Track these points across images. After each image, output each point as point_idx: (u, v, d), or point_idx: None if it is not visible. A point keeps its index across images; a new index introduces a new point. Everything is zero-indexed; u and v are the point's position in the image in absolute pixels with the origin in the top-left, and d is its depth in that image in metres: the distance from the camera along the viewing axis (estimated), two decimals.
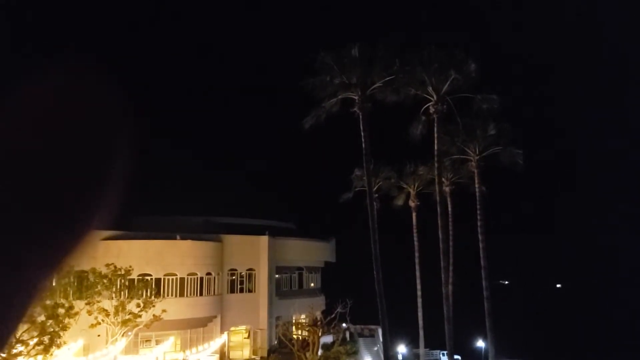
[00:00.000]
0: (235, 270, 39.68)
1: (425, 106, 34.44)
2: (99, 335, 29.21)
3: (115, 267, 29.36)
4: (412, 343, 51.41)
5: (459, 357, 45.85)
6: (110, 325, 29.09)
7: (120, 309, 29.03)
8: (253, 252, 39.88)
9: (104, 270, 29.10)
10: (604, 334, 76.63)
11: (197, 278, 36.48)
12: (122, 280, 30.09)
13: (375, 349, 45.18)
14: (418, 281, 46.54)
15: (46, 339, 23.06)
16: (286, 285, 45.19)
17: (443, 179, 38.66)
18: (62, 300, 25.71)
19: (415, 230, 46.55)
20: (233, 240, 39.10)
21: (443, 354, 48.37)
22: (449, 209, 41.15)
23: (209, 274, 37.23)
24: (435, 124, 33.75)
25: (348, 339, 40.98)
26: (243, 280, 40.17)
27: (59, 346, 24.18)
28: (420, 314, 46.02)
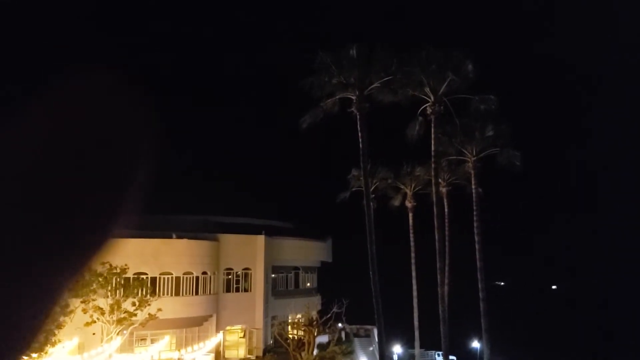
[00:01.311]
0: (232, 269, 39.62)
1: (423, 107, 34.47)
2: (94, 334, 29.12)
3: (110, 265, 29.23)
4: (408, 343, 51.49)
5: (454, 358, 45.91)
6: (105, 323, 29.00)
7: (116, 307, 28.93)
8: (249, 251, 39.82)
9: (99, 269, 28.96)
10: (603, 334, 76.84)
11: (193, 277, 36.41)
12: (118, 279, 29.96)
13: (371, 349, 45.18)
14: (414, 281, 46.60)
15: (41, 337, 22.94)
16: (282, 284, 45.17)
17: (440, 180, 38.68)
18: None
19: (411, 231, 46.60)
20: (229, 240, 39.04)
21: (438, 355, 48.42)
22: (446, 209, 41.18)
23: (204, 273, 37.17)
24: (433, 125, 33.77)
25: (344, 338, 41.00)
26: (239, 280, 40.12)
27: (53, 344, 24.09)
28: (416, 315, 46.06)
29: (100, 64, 0.53)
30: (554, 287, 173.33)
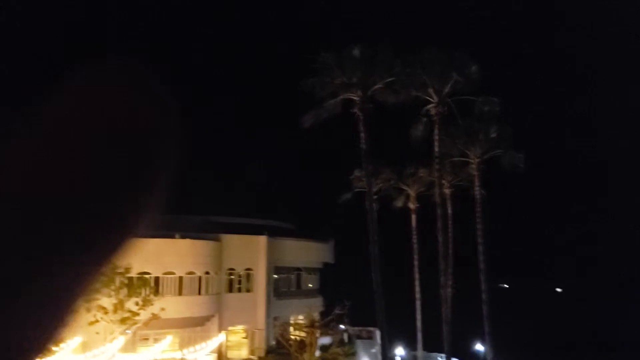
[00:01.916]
0: (234, 269, 39.66)
1: (426, 108, 34.45)
2: (97, 333, 29.18)
3: (114, 264, 29.22)
4: (410, 345, 51.34)
5: None
6: (108, 323, 29.05)
7: (119, 306, 28.99)
8: (251, 252, 39.85)
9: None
10: (604, 337, 76.52)
11: (196, 277, 36.47)
12: (121, 278, 30.03)
13: (373, 350, 45.10)
14: (417, 283, 46.49)
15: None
16: (284, 285, 45.16)
17: (443, 182, 38.63)
18: None
19: (414, 232, 46.51)
20: (232, 240, 39.08)
21: (441, 357, 48.28)
22: (449, 211, 41.11)
23: (207, 273, 37.21)
24: (436, 126, 33.75)
25: (346, 340, 40.96)
26: (241, 280, 40.16)
27: (57, 343, 24.19)
28: (418, 317, 45.96)
29: (101, 63, 0.51)
30: (558, 289, 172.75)
